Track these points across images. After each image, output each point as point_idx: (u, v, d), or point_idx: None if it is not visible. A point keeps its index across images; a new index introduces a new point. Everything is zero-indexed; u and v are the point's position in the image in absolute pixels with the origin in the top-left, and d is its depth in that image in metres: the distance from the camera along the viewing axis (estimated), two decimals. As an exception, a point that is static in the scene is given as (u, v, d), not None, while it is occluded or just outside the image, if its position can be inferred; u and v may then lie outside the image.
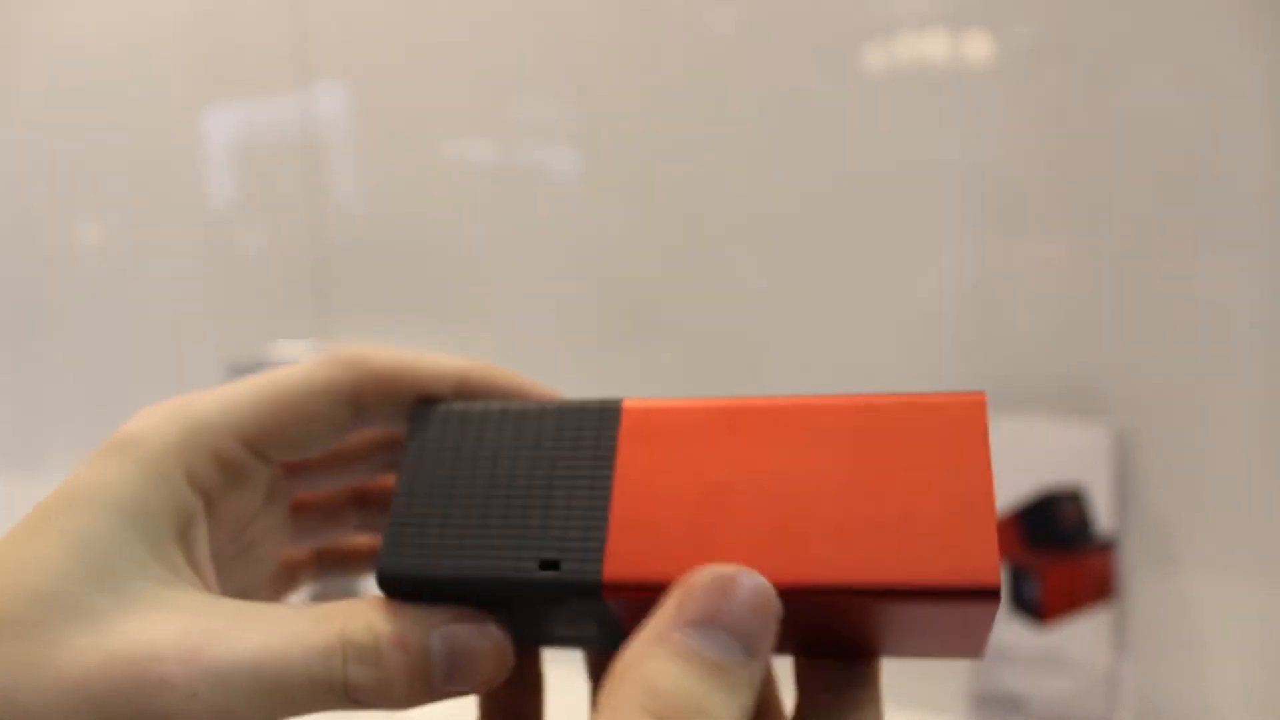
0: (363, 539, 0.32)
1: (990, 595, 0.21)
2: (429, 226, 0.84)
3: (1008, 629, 0.63)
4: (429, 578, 0.23)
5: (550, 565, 0.23)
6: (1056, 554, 0.62)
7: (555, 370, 0.79)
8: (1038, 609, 0.62)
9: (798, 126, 0.71)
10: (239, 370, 0.75)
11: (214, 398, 0.24)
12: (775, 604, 0.21)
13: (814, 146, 0.71)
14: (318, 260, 0.88)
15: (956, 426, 0.23)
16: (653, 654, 0.20)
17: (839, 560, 0.22)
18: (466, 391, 0.26)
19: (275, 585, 0.31)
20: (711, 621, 0.20)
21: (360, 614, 0.23)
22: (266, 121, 0.90)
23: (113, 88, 0.95)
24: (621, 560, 0.22)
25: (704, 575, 0.21)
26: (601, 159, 0.79)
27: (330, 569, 0.32)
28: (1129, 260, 0.63)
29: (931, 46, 0.67)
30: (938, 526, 0.22)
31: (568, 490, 0.24)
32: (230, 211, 0.93)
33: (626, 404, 0.24)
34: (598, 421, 0.24)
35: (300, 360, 0.26)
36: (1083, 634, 0.61)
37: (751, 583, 0.20)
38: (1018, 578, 0.62)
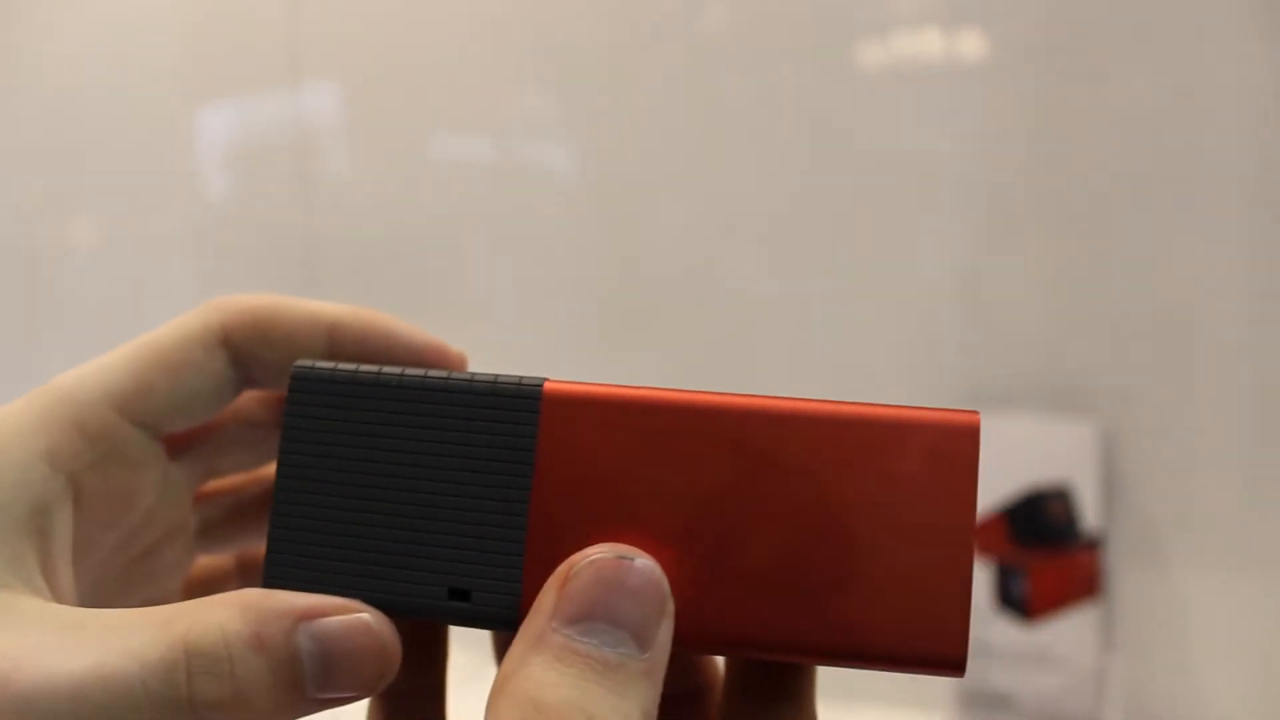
0: None
1: (954, 668, 0.19)
2: (422, 224, 0.84)
3: (995, 627, 0.63)
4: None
5: (460, 595, 0.20)
6: (1044, 552, 0.62)
7: (549, 367, 0.79)
8: (1025, 607, 0.62)
9: (791, 124, 0.71)
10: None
11: (81, 368, 0.22)
12: (664, 586, 0.18)
13: (807, 144, 0.70)
14: (311, 258, 0.88)
15: (940, 454, 0.19)
16: (531, 661, 0.17)
17: (787, 615, 0.19)
18: (341, 338, 0.23)
19: (192, 598, 0.27)
20: (592, 615, 0.18)
21: (211, 612, 0.18)
22: (260, 119, 0.90)
23: (107, 86, 0.95)
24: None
25: (580, 563, 0.18)
26: (595, 156, 0.79)
27: (257, 579, 0.27)
28: (1116, 259, 0.63)
29: (924, 44, 0.67)
30: (903, 580, 0.19)
31: (478, 498, 0.20)
32: (224, 209, 0.93)
33: (549, 388, 0.20)
34: (513, 409, 0.20)
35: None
36: (1070, 631, 0.61)
37: (637, 565, 0.18)
38: (1005, 576, 0.63)
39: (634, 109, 0.76)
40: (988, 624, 0.63)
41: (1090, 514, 0.61)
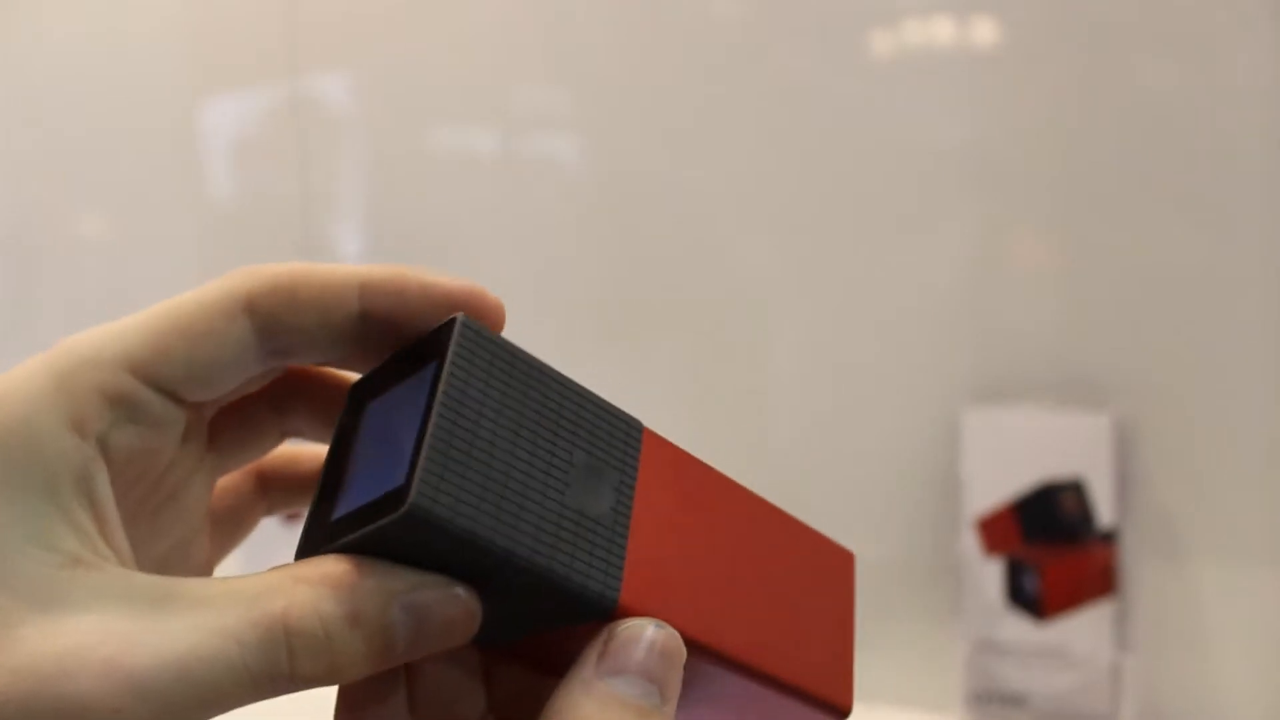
0: (302, 453, 0.28)
1: (839, 714, 0.26)
2: (427, 217, 0.83)
3: (1007, 625, 0.61)
4: (461, 535, 0.20)
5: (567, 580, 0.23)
6: (1057, 547, 0.60)
7: (556, 361, 0.78)
8: (1037, 604, 0.61)
9: (801, 115, 0.70)
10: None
11: (96, 330, 0.21)
12: (682, 653, 0.22)
13: (817, 135, 0.69)
14: (314, 251, 0.88)
15: (833, 570, 0.27)
16: (582, 703, 0.21)
17: (755, 643, 0.24)
18: (373, 296, 0.23)
19: (220, 532, 0.27)
20: (630, 670, 0.21)
21: (303, 593, 0.20)
22: (263, 112, 0.90)
23: (108, 83, 0.94)
24: (635, 592, 0.23)
25: (619, 629, 0.22)
26: (603, 148, 0.78)
27: (280, 499, 0.28)
28: (1130, 249, 0.62)
29: (936, 33, 0.66)
30: (819, 642, 0.26)
31: (595, 495, 0.23)
32: (226, 204, 0.92)
33: (646, 431, 0.24)
34: (624, 436, 0.24)
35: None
36: (1084, 629, 0.60)
37: (664, 633, 0.22)
38: (1017, 572, 0.61)
39: (642, 100, 0.75)
40: (999, 621, 0.61)
41: (1104, 508, 0.60)
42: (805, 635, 0.25)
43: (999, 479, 0.61)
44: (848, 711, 0.26)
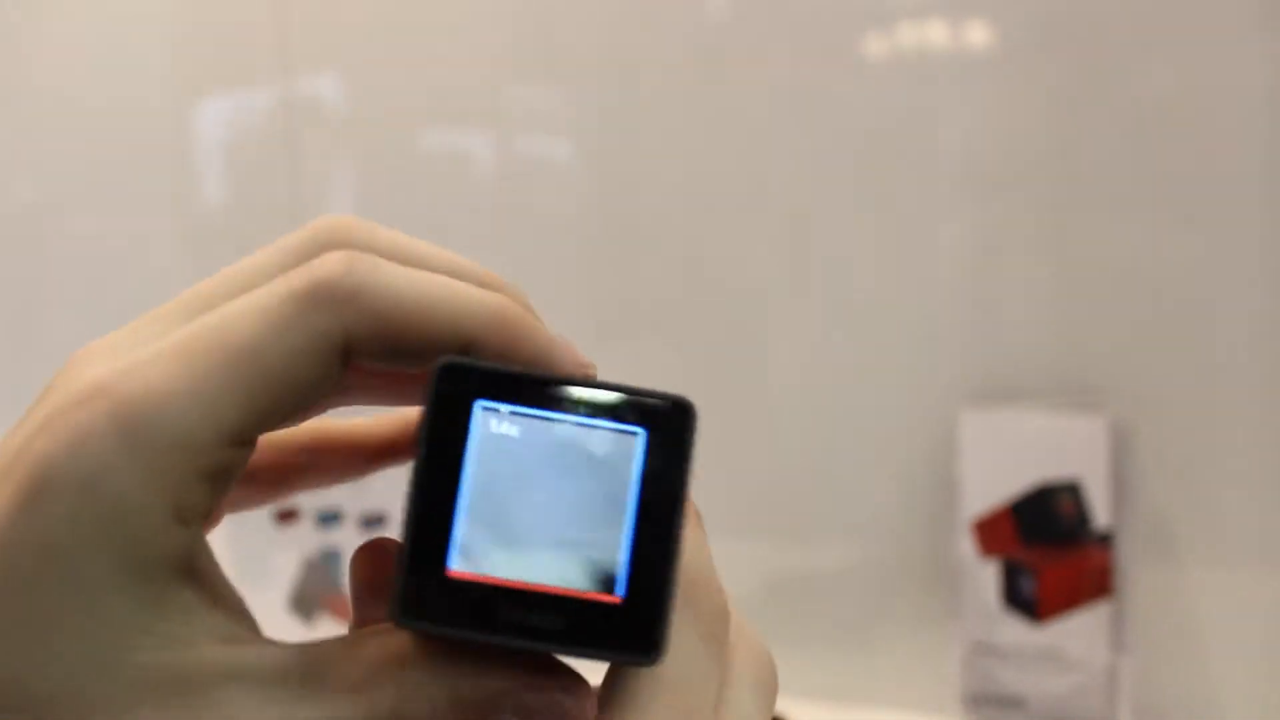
0: (332, 428, 0.26)
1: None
2: (420, 220, 0.83)
3: (1004, 627, 0.61)
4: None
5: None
6: (1053, 549, 0.61)
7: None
8: (1034, 606, 0.61)
9: (799, 116, 0.70)
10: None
11: (172, 388, 0.19)
12: None
13: (815, 137, 0.69)
14: (305, 255, 0.87)
15: None
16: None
17: None
18: (475, 352, 0.21)
19: (259, 491, 0.26)
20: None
21: (413, 686, 0.20)
22: (254, 114, 0.89)
23: (100, 85, 0.94)
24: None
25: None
26: (599, 149, 0.77)
27: (313, 476, 0.27)
28: (1127, 253, 0.62)
29: (931, 36, 0.66)
30: None
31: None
32: (219, 206, 0.92)
33: None
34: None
35: (264, 300, 0.20)
36: (1081, 631, 0.60)
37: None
38: (1014, 574, 0.61)
39: (638, 101, 0.75)
40: (996, 623, 0.62)
41: (1100, 510, 0.60)
42: None
43: (996, 481, 0.61)
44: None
